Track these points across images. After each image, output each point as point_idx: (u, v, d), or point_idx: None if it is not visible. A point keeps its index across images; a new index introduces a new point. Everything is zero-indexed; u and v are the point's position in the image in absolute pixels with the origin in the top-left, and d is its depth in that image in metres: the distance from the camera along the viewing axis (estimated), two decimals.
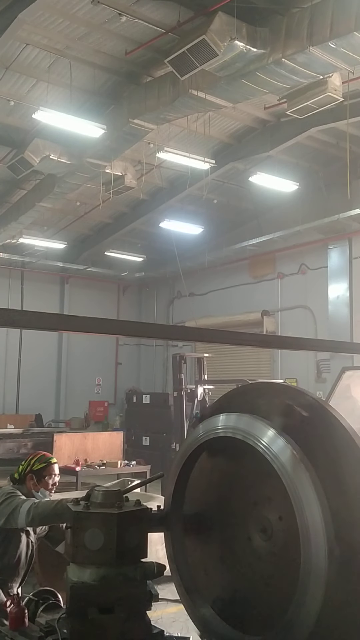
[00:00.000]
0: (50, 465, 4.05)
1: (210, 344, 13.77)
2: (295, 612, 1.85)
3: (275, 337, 12.37)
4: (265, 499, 2.26)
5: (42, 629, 2.37)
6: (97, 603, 2.12)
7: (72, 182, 12.62)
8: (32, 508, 3.42)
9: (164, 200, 14.91)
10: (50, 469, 4.04)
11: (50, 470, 4.04)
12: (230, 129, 12.48)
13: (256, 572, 2.30)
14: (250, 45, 7.67)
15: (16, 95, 10.70)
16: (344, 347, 5.06)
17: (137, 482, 3.22)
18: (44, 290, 18.69)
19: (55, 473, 4.07)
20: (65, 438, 11.46)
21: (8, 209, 14.75)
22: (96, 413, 18.77)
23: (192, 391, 10.83)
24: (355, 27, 7.08)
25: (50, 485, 4.01)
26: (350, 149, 11.06)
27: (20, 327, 1.96)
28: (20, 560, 3.84)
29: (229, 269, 16.97)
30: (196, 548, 2.47)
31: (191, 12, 8.65)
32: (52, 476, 4.04)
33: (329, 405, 2.04)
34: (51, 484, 4.02)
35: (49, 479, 4.01)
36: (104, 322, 2.16)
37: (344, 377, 6.50)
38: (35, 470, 3.99)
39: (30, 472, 3.99)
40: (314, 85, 8.80)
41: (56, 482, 4.09)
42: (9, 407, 17.88)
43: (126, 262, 18.18)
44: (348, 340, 12.77)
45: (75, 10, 8.80)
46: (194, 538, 2.48)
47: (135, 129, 10.32)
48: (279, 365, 15.55)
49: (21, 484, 3.96)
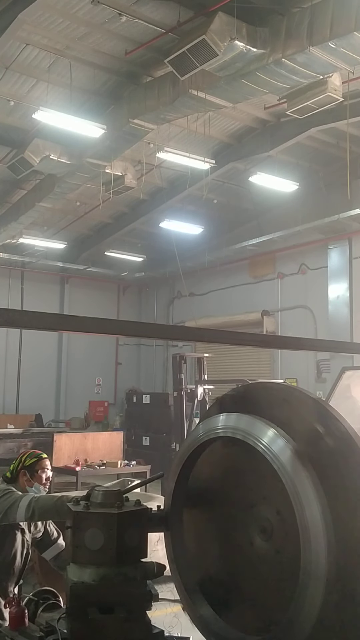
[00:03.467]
0: (42, 459, 4.06)
1: (210, 344, 13.77)
2: (295, 612, 1.85)
3: (275, 337, 12.37)
4: (265, 499, 2.26)
5: (42, 629, 2.37)
6: (97, 603, 2.12)
7: (72, 182, 12.63)
8: (33, 501, 3.41)
9: (164, 200, 14.92)
10: (42, 463, 4.05)
11: (42, 465, 4.05)
12: (230, 129, 12.48)
13: (256, 572, 2.30)
14: (250, 45, 7.67)
15: (16, 95, 10.70)
16: (344, 347, 5.06)
17: (137, 482, 3.22)
18: (44, 290, 18.71)
19: (47, 467, 4.08)
20: (65, 438, 11.46)
21: (8, 209, 14.76)
22: (96, 413, 18.78)
23: (192, 391, 10.83)
24: (355, 27, 7.09)
25: (44, 480, 4.02)
26: (350, 149, 11.07)
27: (20, 327, 1.96)
28: (16, 559, 3.83)
29: (229, 269, 16.98)
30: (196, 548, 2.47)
31: (191, 12, 8.66)
32: (45, 470, 4.05)
33: (329, 405, 2.04)
34: (44, 478, 4.03)
35: (42, 473, 4.02)
36: (104, 322, 2.15)
37: (344, 377, 6.50)
38: (27, 465, 4.01)
39: (22, 469, 3.99)
40: (314, 85, 8.81)
41: (49, 476, 4.09)
42: (9, 407, 17.89)
43: (126, 262, 18.19)
44: (348, 340, 12.78)
45: (75, 10, 8.80)
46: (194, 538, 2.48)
47: (135, 129, 10.33)
48: (279, 365, 15.56)
49: (14, 482, 3.96)
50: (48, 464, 4.11)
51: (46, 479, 4.05)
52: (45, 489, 4.04)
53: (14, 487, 3.83)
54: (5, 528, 3.71)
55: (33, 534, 3.98)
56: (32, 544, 4.00)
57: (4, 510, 3.55)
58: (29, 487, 3.94)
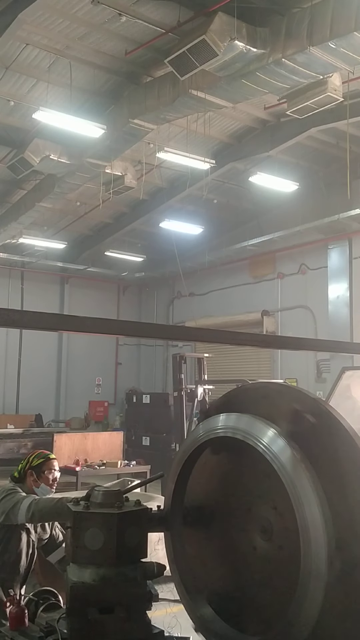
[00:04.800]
0: (49, 460, 4.07)
1: (210, 344, 13.76)
2: (295, 612, 1.85)
3: (275, 337, 12.37)
4: (260, 497, 2.26)
5: (42, 629, 2.37)
6: (97, 603, 2.12)
7: (72, 182, 12.63)
8: (33, 504, 3.42)
9: (164, 200, 14.92)
10: (49, 464, 4.05)
11: (50, 465, 4.05)
12: (230, 129, 12.48)
13: (256, 572, 2.30)
14: (250, 45, 7.67)
15: (16, 95, 10.70)
16: (344, 347, 5.06)
17: (137, 482, 3.22)
18: (44, 290, 18.70)
19: (54, 468, 4.08)
20: (65, 438, 11.47)
21: (8, 209, 14.75)
22: (96, 413, 18.78)
23: (192, 391, 10.82)
24: (355, 27, 7.08)
25: (50, 481, 4.02)
26: (350, 149, 11.07)
27: (20, 327, 1.96)
28: (21, 559, 3.83)
29: (229, 269, 16.97)
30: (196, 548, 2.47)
31: (191, 12, 8.65)
32: (52, 471, 4.05)
33: (329, 405, 2.05)
34: (51, 479, 4.03)
35: (48, 474, 4.02)
36: (104, 322, 2.15)
37: (344, 377, 6.49)
38: (35, 466, 4.01)
39: (29, 469, 4.00)
40: (314, 85, 8.80)
41: (56, 477, 4.09)
42: (9, 407, 17.89)
43: (126, 262, 18.19)
44: (348, 340, 12.78)
45: (75, 10, 8.80)
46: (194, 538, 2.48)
47: (135, 129, 10.33)
48: (279, 365, 15.56)
49: (22, 482, 3.97)
50: (56, 465, 4.10)
51: (53, 480, 4.05)
52: (52, 490, 4.03)
53: (21, 487, 3.84)
54: (10, 528, 3.71)
55: (40, 535, 3.98)
56: (38, 547, 4.00)
57: (6, 511, 3.56)
58: (36, 488, 3.94)
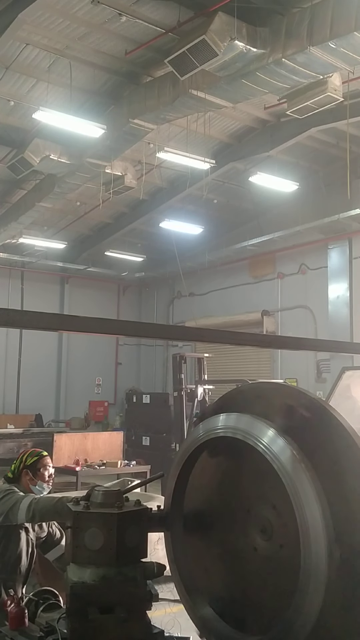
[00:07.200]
0: (43, 457, 4.07)
1: (210, 344, 13.76)
2: (295, 612, 1.85)
3: (275, 337, 12.36)
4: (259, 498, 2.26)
5: (42, 629, 2.37)
6: (97, 603, 2.12)
7: (72, 182, 12.62)
8: (33, 503, 3.42)
9: (164, 200, 14.92)
10: (44, 461, 4.06)
11: (44, 462, 4.06)
12: (230, 129, 12.48)
13: (256, 572, 2.30)
14: (250, 45, 7.67)
15: (16, 95, 10.70)
16: (344, 347, 5.07)
17: (137, 482, 3.22)
18: (44, 290, 18.70)
19: (49, 465, 4.09)
20: (65, 438, 11.47)
21: (8, 209, 14.75)
22: (96, 413, 18.78)
23: (192, 391, 10.83)
24: (355, 27, 7.08)
25: (46, 477, 4.03)
26: (350, 149, 11.08)
27: (20, 327, 1.96)
28: (21, 558, 3.83)
29: (229, 269, 16.97)
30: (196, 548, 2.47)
31: (191, 12, 8.65)
32: (47, 467, 4.06)
33: (329, 405, 2.04)
34: (47, 476, 4.04)
35: (44, 471, 4.02)
36: (104, 322, 2.16)
37: (344, 377, 6.49)
38: (29, 464, 4.01)
39: (24, 468, 4.00)
40: (314, 85, 8.81)
41: (52, 473, 4.10)
42: (9, 407, 17.89)
43: (126, 262, 18.19)
44: (348, 340, 12.78)
45: (75, 10, 8.80)
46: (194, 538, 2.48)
47: (135, 129, 10.33)
48: (279, 365, 15.56)
49: (17, 482, 3.96)
50: (49, 461, 4.12)
51: (49, 476, 4.07)
52: (49, 487, 4.05)
53: (16, 487, 3.83)
54: (9, 527, 3.70)
55: (37, 533, 3.98)
56: (36, 545, 4.00)
57: (5, 512, 3.55)
58: (33, 486, 3.94)
